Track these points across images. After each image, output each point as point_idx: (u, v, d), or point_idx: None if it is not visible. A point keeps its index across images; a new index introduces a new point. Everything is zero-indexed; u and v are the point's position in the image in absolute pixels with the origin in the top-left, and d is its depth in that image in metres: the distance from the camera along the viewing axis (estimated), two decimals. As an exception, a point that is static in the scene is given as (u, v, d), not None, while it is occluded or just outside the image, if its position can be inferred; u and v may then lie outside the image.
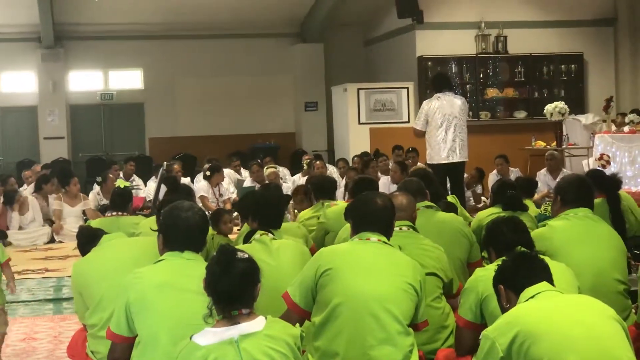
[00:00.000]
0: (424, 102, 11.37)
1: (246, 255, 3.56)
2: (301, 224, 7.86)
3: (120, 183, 9.31)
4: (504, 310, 3.68)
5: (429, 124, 11.05)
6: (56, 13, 18.81)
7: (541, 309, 3.42)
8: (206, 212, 5.01)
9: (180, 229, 4.27)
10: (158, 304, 4.02)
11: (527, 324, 3.33)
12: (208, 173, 13.83)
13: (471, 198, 13.83)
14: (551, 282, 3.62)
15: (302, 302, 4.46)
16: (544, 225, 5.38)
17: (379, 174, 13.93)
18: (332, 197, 8.21)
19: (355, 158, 15.33)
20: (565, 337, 3.27)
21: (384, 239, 4.61)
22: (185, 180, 14.21)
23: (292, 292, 4.52)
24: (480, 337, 3.48)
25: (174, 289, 4.07)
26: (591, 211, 5.44)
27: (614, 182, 7.33)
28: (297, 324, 3.65)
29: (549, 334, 3.27)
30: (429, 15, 17.79)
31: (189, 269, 4.11)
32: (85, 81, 20.57)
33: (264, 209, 5.64)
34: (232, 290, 3.46)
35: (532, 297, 3.51)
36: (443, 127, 10.94)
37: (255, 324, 3.42)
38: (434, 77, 12.30)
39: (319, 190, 8.29)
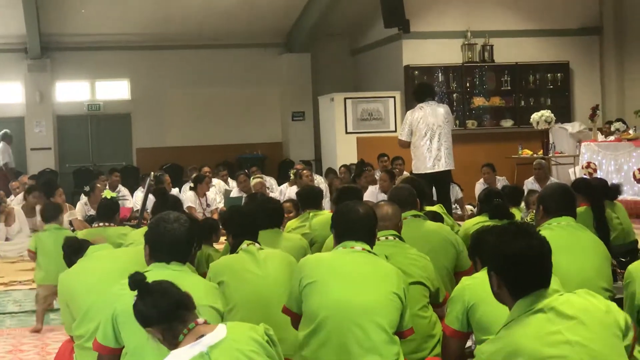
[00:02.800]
0: (408, 113, 11.36)
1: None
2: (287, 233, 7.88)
3: (107, 194, 9.28)
4: (496, 295, 3.47)
5: (413, 134, 11.05)
6: (43, 24, 18.77)
7: (541, 336, 3.18)
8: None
9: (166, 240, 4.27)
10: None
11: (534, 358, 3.13)
12: (192, 184, 13.86)
13: (458, 207, 13.85)
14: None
15: (300, 311, 4.52)
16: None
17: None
18: (319, 207, 8.22)
19: (342, 168, 15.35)
20: None
21: (368, 247, 4.62)
22: (174, 190, 14.20)
23: (289, 305, 4.59)
24: (474, 353, 3.39)
25: None
26: (574, 220, 5.44)
27: (599, 188, 7.36)
28: (261, 324, 3.61)
29: None
30: (415, 25, 17.84)
31: (175, 280, 4.10)
32: (72, 92, 20.54)
33: (237, 220, 5.63)
34: (169, 306, 3.44)
35: (530, 310, 3.28)
36: (427, 137, 10.94)
37: (219, 333, 3.37)
38: (416, 87, 12.29)
39: (305, 200, 8.30)
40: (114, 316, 3.98)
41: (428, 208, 7.64)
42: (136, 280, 3.51)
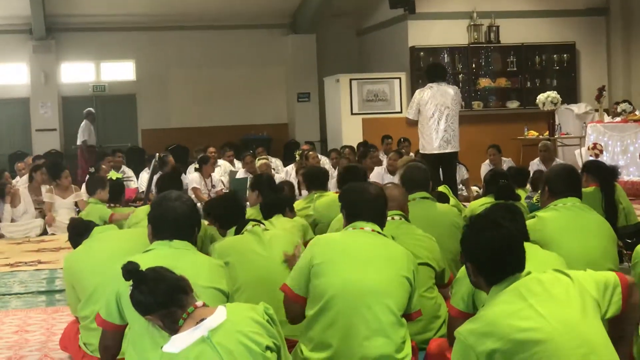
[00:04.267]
0: (417, 92, 11.36)
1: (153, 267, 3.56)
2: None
3: (112, 175, 9.32)
4: (473, 283, 3.63)
5: (421, 113, 11.05)
6: (47, 4, 18.74)
7: (514, 312, 3.29)
8: (197, 203, 5.01)
9: (168, 218, 4.26)
10: None
11: (507, 335, 3.22)
12: (197, 165, 13.85)
13: (463, 188, 13.84)
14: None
15: (302, 291, 4.46)
16: (533, 217, 5.38)
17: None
18: (324, 188, 8.22)
19: (347, 149, 15.32)
20: (553, 350, 3.21)
21: (378, 228, 4.61)
22: (178, 171, 14.19)
23: (291, 283, 4.51)
24: (454, 334, 3.40)
25: None
26: (579, 200, 5.44)
27: (611, 171, 7.36)
28: (261, 303, 3.60)
29: (532, 347, 3.20)
30: (421, 6, 17.76)
31: (177, 258, 4.10)
32: (77, 73, 20.53)
33: (221, 210, 5.66)
34: (167, 292, 3.44)
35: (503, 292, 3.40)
36: (435, 117, 10.94)
37: (219, 316, 3.37)
38: (429, 67, 12.28)
39: (311, 181, 8.30)
40: (118, 295, 3.97)
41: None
42: (130, 270, 3.50)
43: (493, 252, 3.45)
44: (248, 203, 7.99)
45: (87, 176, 13.93)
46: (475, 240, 3.52)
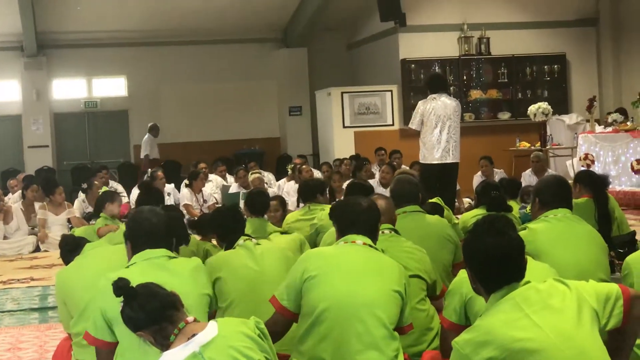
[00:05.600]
0: (420, 103, 11.45)
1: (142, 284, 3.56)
2: (287, 226, 7.89)
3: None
4: (474, 289, 3.63)
5: (424, 124, 11.17)
6: (38, 21, 18.75)
7: (510, 322, 3.29)
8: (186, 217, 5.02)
9: (143, 230, 4.30)
10: None
11: (503, 345, 3.22)
12: (187, 181, 13.86)
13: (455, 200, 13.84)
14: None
15: (291, 304, 4.43)
16: (524, 229, 5.38)
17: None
18: (318, 199, 8.22)
19: (337, 162, 15.35)
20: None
21: (370, 242, 4.60)
22: (169, 186, 14.18)
23: (280, 295, 4.48)
24: (451, 344, 3.40)
25: None
26: (570, 211, 5.45)
27: (603, 180, 7.37)
28: (252, 317, 3.60)
29: (527, 356, 3.20)
30: (411, 18, 17.81)
31: (158, 268, 4.13)
32: (69, 89, 20.53)
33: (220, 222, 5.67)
34: (155, 309, 3.44)
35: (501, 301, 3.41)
36: (437, 128, 11.08)
37: (210, 331, 3.37)
38: (430, 78, 12.33)
39: (306, 193, 8.29)
40: (103, 311, 3.96)
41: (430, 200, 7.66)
42: (120, 286, 3.49)
43: (493, 259, 3.43)
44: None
45: (80, 192, 13.93)
46: (477, 247, 3.51)
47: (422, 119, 11.18)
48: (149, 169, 14.69)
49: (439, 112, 11.08)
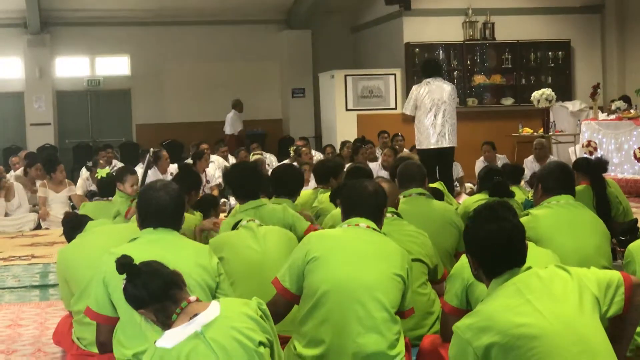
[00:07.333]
0: (414, 87, 11.41)
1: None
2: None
3: (101, 173, 9.25)
4: (475, 276, 3.62)
5: (418, 108, 11.13)
6: (42, -2, 18.72)
7: (511, 308, 3.28)
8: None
9: (151, 208, 4.32)
10: None
11: (504, 330, 3.22)
12: (191, 161, 13.83)
13: (457, 185, 13.84)
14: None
15: (293, 286, 4.43)
16: (527, 215, 5.38)
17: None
18: (332, 183, 8.16)
19: (348, 143, 15.30)
20: (549, 346, 3.20)
21: (373, 225, 4.58)
22: (173, 167, 14.16)
23: (282, 277, 4.47)
24: (452, 329, 3.39)
25: None
26: (573, 198, 5.44)
27: (599, 166, 7.37)
28: (254, 298, 3.59)
29: (528, 342, 3.20)
30: (416, 2, 17.76)
31: (162, 246, 4.13)
32: (72, 67, 20.48)
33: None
34: (158, 286, 3.42)
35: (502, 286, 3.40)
36: (432, 112, 11.01)
37: (212, 311, 3.36)
38: (424, 63, 12.32)
39: (321, 176, 8.19)
40: (105, 282, 3.97)
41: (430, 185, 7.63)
42: (124, 263, 3.48)
43: (494, 245, 3.43)
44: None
45: (84, 169, 13.92)
46: (478, 232, 3.50)
47: (416, 103, 11.14)
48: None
49: (434, 95, 11.03)
